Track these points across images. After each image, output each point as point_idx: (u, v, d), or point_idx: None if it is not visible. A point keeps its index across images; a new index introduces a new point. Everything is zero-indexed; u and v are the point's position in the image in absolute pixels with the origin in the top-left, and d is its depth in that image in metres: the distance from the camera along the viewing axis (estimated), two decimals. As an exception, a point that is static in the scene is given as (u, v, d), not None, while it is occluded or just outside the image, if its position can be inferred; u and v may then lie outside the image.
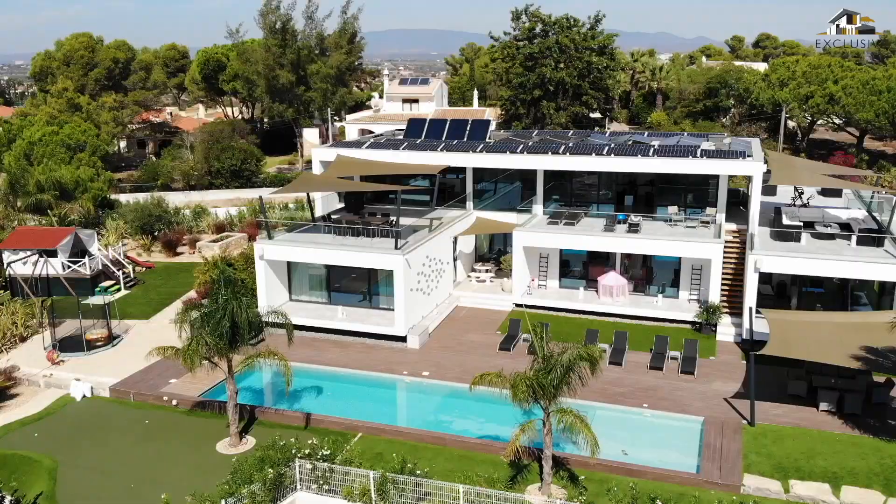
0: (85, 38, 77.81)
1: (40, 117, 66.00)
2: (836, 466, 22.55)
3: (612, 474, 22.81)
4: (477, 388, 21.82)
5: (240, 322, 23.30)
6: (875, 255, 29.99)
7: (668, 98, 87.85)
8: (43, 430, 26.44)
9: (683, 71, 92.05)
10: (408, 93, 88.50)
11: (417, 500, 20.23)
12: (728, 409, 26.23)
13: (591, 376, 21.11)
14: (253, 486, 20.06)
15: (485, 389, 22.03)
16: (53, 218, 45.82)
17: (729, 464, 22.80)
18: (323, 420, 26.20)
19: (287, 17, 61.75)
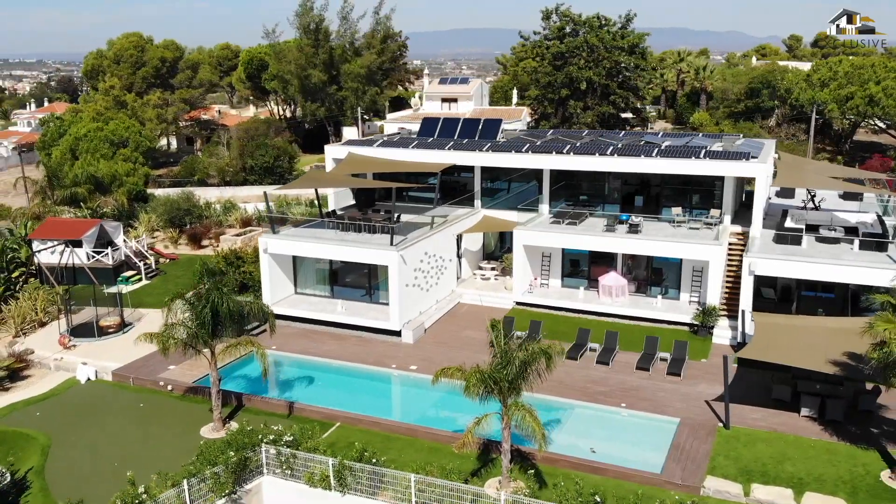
0: (135, 38, 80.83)
1: (87, 114, 68.95)
2: (804, 472, 22.29)
3: (576, 471, 22.99)
4: (439, 381, 22.21)
5: (220, 312, 24.20)
6: (875, 260, 29.32)
7: (711, 98, 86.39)
8: (45, 409, 27.96)
9: (729, 70, 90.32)
10: (447, 92, 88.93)
11: (373, 486, 20.82)
12: (707, 411, 26.08)
13: (548, 372, 21.31)
14: (216, 468, 20.93)
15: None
16: (87, 210, 47.94)
17: (694, 465, 22.74)
18: (305, 409, 27.04)
19: (320, 18, 63.02)
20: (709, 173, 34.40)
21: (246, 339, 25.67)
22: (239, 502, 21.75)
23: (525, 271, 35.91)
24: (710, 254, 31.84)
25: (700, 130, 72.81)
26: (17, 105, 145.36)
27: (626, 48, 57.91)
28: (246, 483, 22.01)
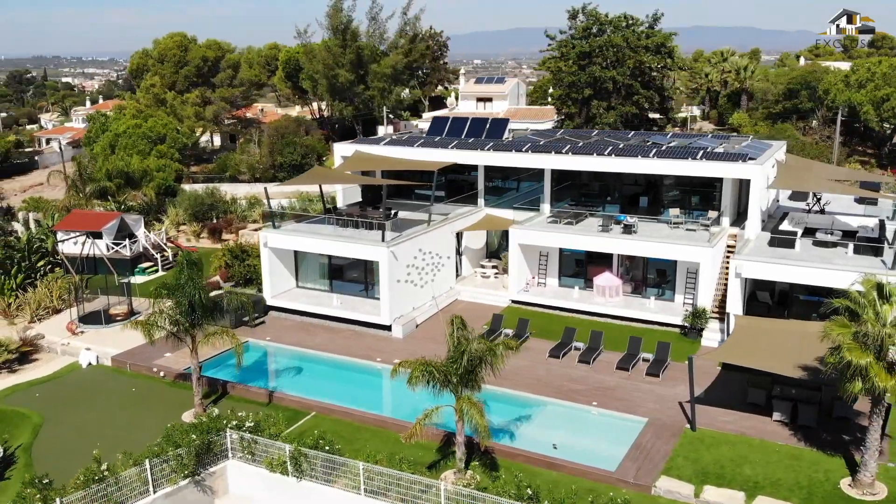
0: (179, 37, 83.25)
1: (129, 111, 71.58)
2: (762, 476, 22.14)
3: (533, 466, 23.29)
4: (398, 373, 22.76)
5: (195, 302, 25.20)
6: (867, 265, 28.69)
7: (752, 98, 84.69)
8: (45, 391, 29.50)
9: (773, 71, 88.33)
10: (482, 91, 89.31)
11: (327, 473, 21.52)
12: (679, 412, 26.01)
13: (495, 368, 21.70)
14: (179, 449, 21.90)
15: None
16: (114, 204, 49.96)
17: (650, 465, 22.80)
18: (284, 398, 27.93)
19: (348, 19, 64.14)
20: (704, 174, 34.13)
21: (223, 329, 26.55)
22: (203, 484, 22.75)
23: (521, 270, 36.15)
24: (701, 256, 31.60)
25: (739, 132, 71.57)
26: (81, 102, 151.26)
27: (651, 47, 57.33)
28: (211, 466, 22.97)
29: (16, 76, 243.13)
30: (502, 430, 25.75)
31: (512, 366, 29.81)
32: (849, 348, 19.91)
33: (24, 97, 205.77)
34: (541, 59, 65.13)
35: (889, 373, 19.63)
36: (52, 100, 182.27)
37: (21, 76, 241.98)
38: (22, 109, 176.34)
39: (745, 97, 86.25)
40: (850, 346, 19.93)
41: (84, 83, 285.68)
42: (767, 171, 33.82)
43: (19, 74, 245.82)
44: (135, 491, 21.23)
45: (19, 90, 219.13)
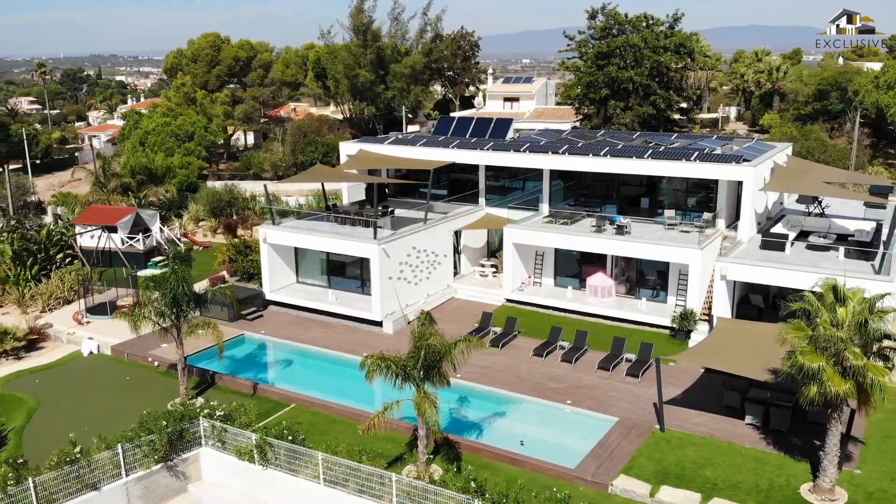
0: (212, 37, 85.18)
1: (160, 109, 73.60)
2: (722, 478, 22.12)
3: (497, 461, 23.63)
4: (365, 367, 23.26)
5: (178, 295, 26.10)
6: (856, 269, 28.30)
7: (783, 99, 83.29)
8: (45, 377, 30.79)
9: (808, 72, 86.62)
10: (509, 91, 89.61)
11: (291, 463, 22.18)
12: (652, 413, 26.01)
13: (456, 364, 22.09)
14: (151, 435, 22.79)
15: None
16: (134, 199, 51.57)
17: (611, 464, 22.93)
18: (267, 390, 28.73)
19: (370, 20, 64.96)
20: (697, 176, 33.98)
21: (206, 321, 27.36)
22: (176, 469, 23.61)
23: (516, 269, 36.39)
24: (690, 257, 31.48)
25: (770, 133, 70.45)
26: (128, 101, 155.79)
27: (670, 48, 56.87)
28: (184, 452, 23.83)
29: (70, 74, 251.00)
30: (474, 426, 26.19)
31: (495, 363, 30.46)
32: (802, 352, 19.82)
33: (78, 95, 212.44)
34: (559, 60, 65.03)
35: (843, 377, 19.47)
36: (101, 98, 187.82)
37: (75, 74, 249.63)
38: (72, 107, 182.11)
39: (778, 98, 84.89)
40: (804, 349, 19.84)
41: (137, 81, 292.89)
42: (763, 173, 33.50)
43: (73, 73, 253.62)
44: (107, 473, 22.17)
45: (73, 88, 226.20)
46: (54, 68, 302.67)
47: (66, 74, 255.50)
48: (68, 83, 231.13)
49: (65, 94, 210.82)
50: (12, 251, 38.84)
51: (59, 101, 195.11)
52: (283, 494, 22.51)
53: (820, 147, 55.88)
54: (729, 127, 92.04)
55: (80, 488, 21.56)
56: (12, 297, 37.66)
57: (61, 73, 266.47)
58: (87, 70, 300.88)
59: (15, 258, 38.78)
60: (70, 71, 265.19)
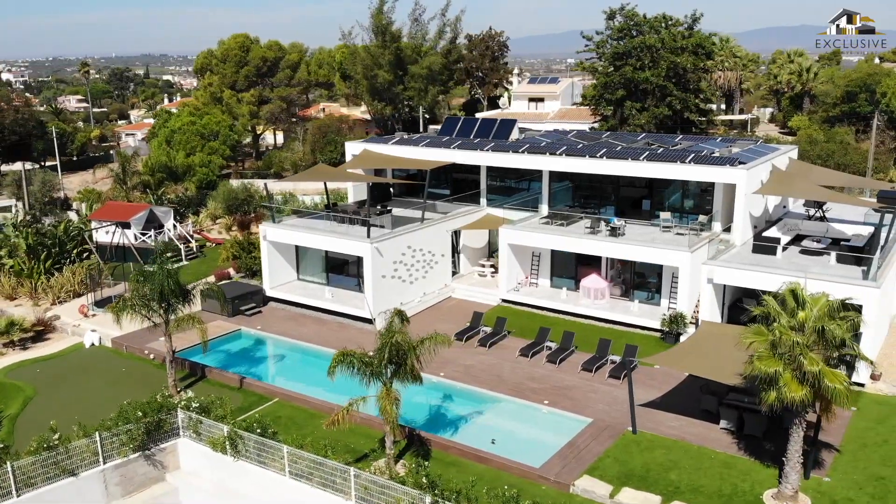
0: (241, 38, 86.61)
1: (187, 109, 75.19)
2: (685, 482, 22.08)
3: (464, 458, 23.92)
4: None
5: (164, 289, 26.86)
6: (846, 274, 27.89)
7: (813, 101, 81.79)
8: (46, 367, 31.90)
9: (840, 73, 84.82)
10: (534, 91, 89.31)
11: (260, 455, 22.73)
12: (627, 415, 25.92)
13: (416, 361, 22.42)
14: (129, 425, 23.54)
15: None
16: (151, 196, 52.89)
17: (576, 464, 23.02)
18: (252, 384, 29.38)
19: (389, 21, 65.54)
20: (689, 178, 33.77)
21: (190, 316, 28.07)
22: (154, 458, 24.34)
23: (512, 270, 36.53)
24: (680, 260, 31.32)
25: (799, 135, 69.26)
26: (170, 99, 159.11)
27: (688, 48, 56.23)
28: (163, 442, 24.56)
29: (117, 73, 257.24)
30: (450, 424, 26.49)
31: (480, 363, 30.73)
32: (759, 357, 19.72)
33: (125, 94, 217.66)
34: (577, 61, 64.70)
35: (801, 382, 19.31)
36: (143, 96, 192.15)
37: (122, 73, 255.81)
38: (116, 105, 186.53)
39: (808, 100, 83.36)
40: (762, 354, 19.73)
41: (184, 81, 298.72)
42: (760, 175, 33.12)
43: (121, 72, 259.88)
44: (86, 460, 22.98)
45: (120, 87, 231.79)
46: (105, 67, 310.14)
47: (113, 73, 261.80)
48: (115, 82, 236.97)
49: (111, 92, 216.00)
50: (26, 245, 40.19)
51: (107, 99, 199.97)
52: (253, 485, 23.08)
53: (840, 150, 54.80)
54: (760, 128, 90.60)
55: (58, 473, 22.32)
56: (25, 289, 39.00)
57: (109, 72, 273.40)
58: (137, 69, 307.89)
59: (29, 252, 40.12)
60: (117, 70, 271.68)
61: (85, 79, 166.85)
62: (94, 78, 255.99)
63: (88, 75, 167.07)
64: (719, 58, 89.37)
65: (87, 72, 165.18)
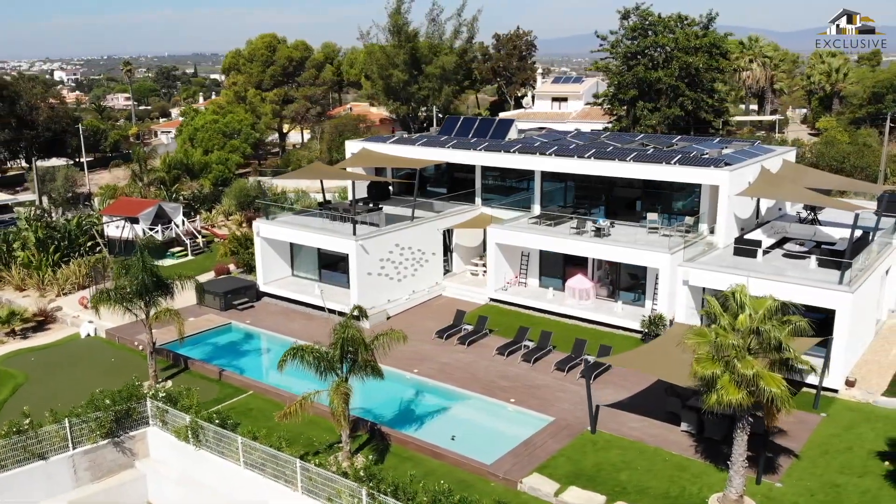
0: (269, 38, 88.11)
1: (211, 107, 76.80)
2: (634, 483, 22.10)
3: (420, 453, 24.24)
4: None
5: (142, 282, 27.70)
6: (823, 278, 27.46)
7: (842, 102, 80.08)
8: (41, 356, 33.10)
9: (871, 74, 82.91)
10: (557, 91, 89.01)
11: (219, 445, 23.39)
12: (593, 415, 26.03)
13: (371, 356, 22.83)
14: (98, 412, 24.42)
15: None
16: (164, 192, 54.24)
17: (528, 461, 23.18)
18: (230, 377, 30.12)
19: (405, 21, 66.04)
20: (672, 179, 33.58)
21: (167, 309, 28.87)
22: (123, 445, 25.19)
23: (499, 269, 36.71)
24: (660, 261, 31.18)
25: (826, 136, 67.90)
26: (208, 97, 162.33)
27: (702, 48, 55.56)
28: (132, 430, 25.40)
29: (164, 72, 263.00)
30: (416, 419, 26.85)
31: (457, 361, 31.02)
32: (698, 359, 19.67)
33: (171, 92, 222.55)
34: (592, 61, 64.36)
35: (738, 385, 19.20)
36: (185, 95, 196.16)
37: (169, 72, 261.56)
38: (159, 103, 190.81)
39: (837, 100, 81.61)
40: (701, 356, 19.68)
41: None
42: (746, 177, 32.75)
43: (167, 70, 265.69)
44: (55, 445, 23.91)
45: (167, 85, 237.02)
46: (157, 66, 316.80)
47: (160, 72, 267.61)
48: (162, 80, 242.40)
49: (158, 90, 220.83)
50: (35, 238, 41.66)
51: (154, 97, 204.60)
52: (211, 474, 23.77)
53: (857, 153, 53.61)
54: (789, 129, 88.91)
55: (28, 457, 23.32)
56: (33, 280, 40.44)
57: (156, 71, 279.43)
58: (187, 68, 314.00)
59: (38, 245, 41.58)
60: (164, 69, 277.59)
61: (128, 77, 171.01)
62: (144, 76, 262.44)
63: (131, 74, 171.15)
64: (748, 57, 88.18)
65: (130, 70, 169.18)
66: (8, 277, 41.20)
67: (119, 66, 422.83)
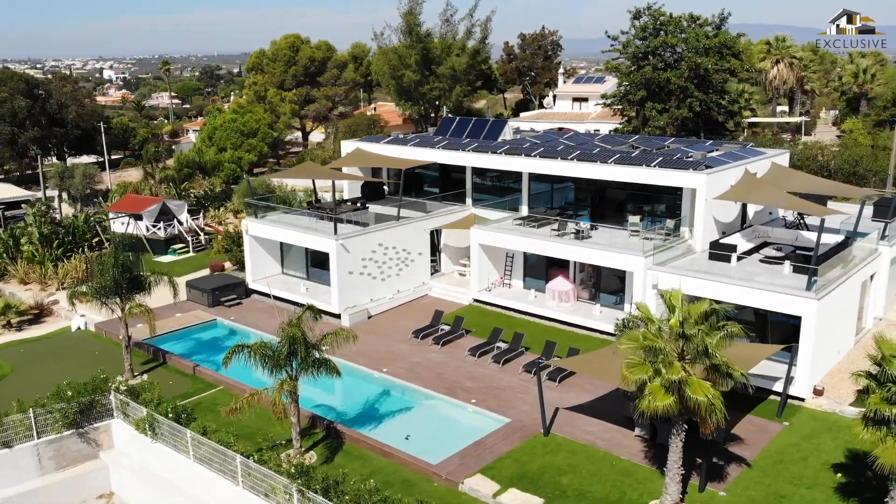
0: (292, 38, 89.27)
1: (231, 107, 78.12)
2: (575, 486, 22.05)
3: (371, 451, 24.47)
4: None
5: (117, 279, 28.43)
6: (795, 284, 26.96)
7: (869, 103, 78.02)
8: (30, 348, 34.17)
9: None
10: (578, 91, 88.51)
11: (173, 438, 23.97)
12: (548, 417, 25.98)
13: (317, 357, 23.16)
14: (61, 403, 25.18)
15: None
16: (175, 190, 55.39)
17: (474, 462, 23.25)
18: (203, 372, 30.71)
19: (416, 22, 66.27)
20: (649, 182, 33.28)
21: (138, 304, 29.55)
22: (87, 436, 25.96)
23: (483, 270, 36.74)
24: (633, 264, 30.91)
25: (847, 138, 66.44)
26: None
27: (712, 48, 54.70)
28: (97, 421, 26.14)
29: (208, 71, 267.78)
30: (375, 418, 27.09)
31: (427, 361, 31.22)
32: (627, 364, 19.55)
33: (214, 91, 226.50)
34: (605, 61, 63.85)
35: (667, 391, 19.03)
36: (222, 94, 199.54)
37: (212, 71, 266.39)
38: (198, 102, 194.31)
39: (865, 102, 79.58)
40: (630, 361, 19.56)
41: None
42: (727, 180, 32.27)
43: (211, 70, 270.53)
44: (20, 434, 24.74)
45: (210, 84, 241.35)
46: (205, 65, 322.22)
47: (204, 71, 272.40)
48: (206, 79, 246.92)
49: (202, 89, 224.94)
50: (39, 233, 42.96)
51: (198, 96, 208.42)
52: (166, 466, 24.39)
53: (870, 156, 52.26)
54: (816, 131, 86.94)
55: (-7, 445, 24.25)
56: (36, 274, 41.71)
57: (200, 70, 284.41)
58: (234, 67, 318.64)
59: (42, 240, 42.87)
60: (209, 68, 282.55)
61: (166, 76, 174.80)
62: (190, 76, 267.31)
63: (169, 73, 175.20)
64: (775, 57, 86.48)
65: (168, 70, 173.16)
66: (13, 271, 42.56)
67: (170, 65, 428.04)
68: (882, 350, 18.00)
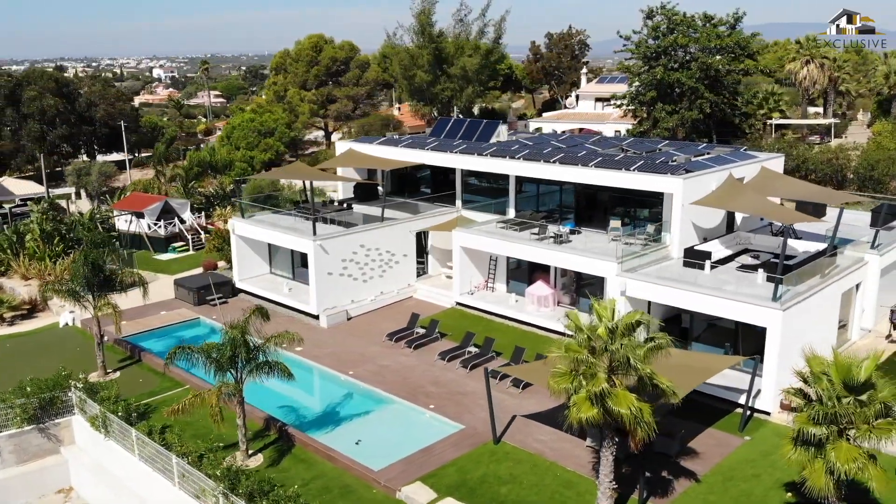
0: (316, 38, 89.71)
1: (252, 107, 78.95)
2: (514, 497, 21.69)
3: (316, 455, 24.40)
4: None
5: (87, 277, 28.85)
6: (758, 294, 26.09)
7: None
8: (16, 342, 34.94)
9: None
10: (601, 91, 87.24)
11: (121, 434, 24.24)
12: (502, 425, 25.57)
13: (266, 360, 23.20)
14: (21, 399, 25.66)
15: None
16: (183, 189, 56.16)
17: (416, 469, 23.01)
18: (174, 370, 30.85)
19: (429, 22, 66.10)
20: (626, 186, 32.58)
21: (107, 302, 29.93)
22: (48, 432, 26.42)
23: (465, 273, 36.42)
24: (606, 270, 30.28)
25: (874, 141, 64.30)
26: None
27: (725, 48, 53.41)
28: (58, 417, 26.57)
29: (252, 70, 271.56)
30: (329, 421, 27.04)
31: (395, 364, 31.06)
32: (553, 374, 19.11)
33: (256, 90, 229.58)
34: (618, 61, 62.88)
35: (592, 403, 18.54)
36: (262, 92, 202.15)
37: (256, 70, 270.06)
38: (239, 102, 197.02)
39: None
40: (556, 371, 19.11)
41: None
42: (707, 185, 31.41)
43: (255, 69, 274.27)
44: (-20, 428, 25.29)
45: (253, 83, 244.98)
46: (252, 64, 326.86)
47: (248, 70, 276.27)
48: (250, 79, 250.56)
49: (246, 88, 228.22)
50: (40, 230, 43.94)
51: (241, 95, 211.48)
52: (116, 463, 24.68)
53: (888, 160, 50.40)
54: (848, 133, 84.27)
55: (-48, 438, 24.81)
56: (36, 270, 42.66)
57: (245, 70, 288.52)
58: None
59: (43, 236, 43.85)
60: (253, 67, 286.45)
61: (204, 76, 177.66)
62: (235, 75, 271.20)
63: (208, 73, 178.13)
64: (805, 57, 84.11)
65: (207, 69, 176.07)
66: (15, 266, 43.60)
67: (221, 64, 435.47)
68: (811, 367, 17.25)
